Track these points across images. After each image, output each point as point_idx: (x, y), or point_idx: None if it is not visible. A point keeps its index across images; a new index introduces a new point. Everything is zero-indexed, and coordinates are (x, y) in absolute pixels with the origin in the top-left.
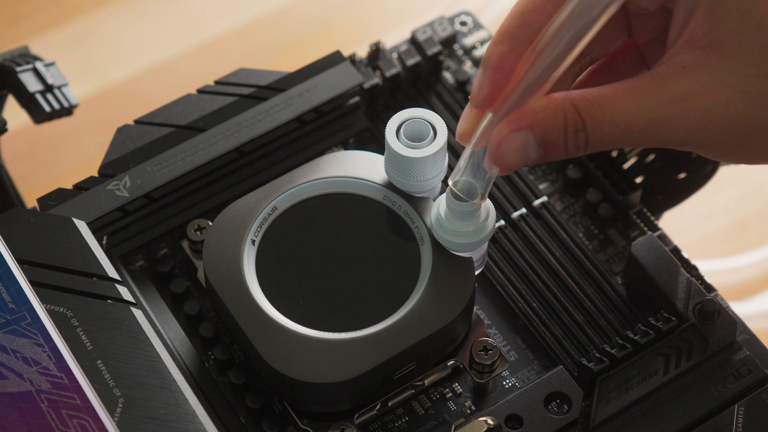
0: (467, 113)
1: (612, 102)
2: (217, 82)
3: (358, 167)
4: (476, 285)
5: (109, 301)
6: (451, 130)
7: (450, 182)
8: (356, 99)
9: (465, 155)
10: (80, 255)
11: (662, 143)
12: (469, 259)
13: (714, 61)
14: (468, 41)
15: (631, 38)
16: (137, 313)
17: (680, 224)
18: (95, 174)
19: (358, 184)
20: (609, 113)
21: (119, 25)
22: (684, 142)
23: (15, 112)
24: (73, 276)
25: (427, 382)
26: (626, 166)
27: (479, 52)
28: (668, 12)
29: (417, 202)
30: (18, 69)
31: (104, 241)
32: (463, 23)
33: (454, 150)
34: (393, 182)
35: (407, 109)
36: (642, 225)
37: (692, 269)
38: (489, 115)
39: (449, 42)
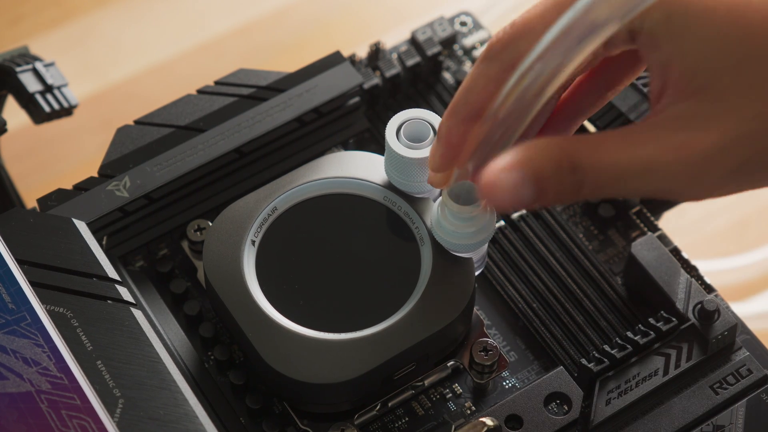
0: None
1: (605, 145)
2: (216, 83)
3: (358, 168)
4: (476, 286)
5: (109, 301)
6: None
7: (445, 190)
8: (356, 99)
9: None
10: (80, 255)
11: (659, 191)
12: (469, 260)
13: (706, 107)
14: (468, 41)
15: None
16: (137, 314)
17: (680, 224)
18: (95, 174)
19: (358, 184)
20: (605, 153)
21: (119, 25)
22: (682, 188)
23: (15, 112)
24: (73, 276)
25: (427, 382)
26: None
27: (479, 52)
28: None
29: (417, 203)
30: (18, 69)
31: (104, 242)
32: (463, 23)
33: None
34: (393, 183)
35: (407, 110)
36: (642, 225)
37: (692, 269)
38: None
39: (449, 42)
